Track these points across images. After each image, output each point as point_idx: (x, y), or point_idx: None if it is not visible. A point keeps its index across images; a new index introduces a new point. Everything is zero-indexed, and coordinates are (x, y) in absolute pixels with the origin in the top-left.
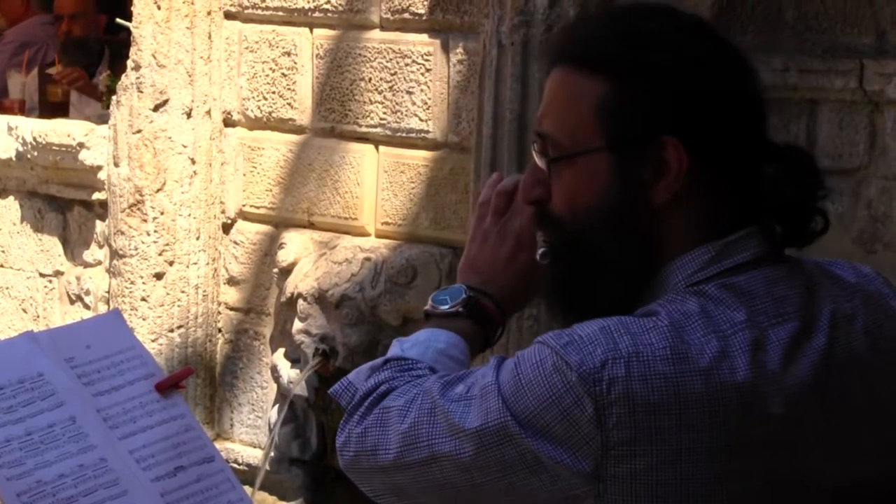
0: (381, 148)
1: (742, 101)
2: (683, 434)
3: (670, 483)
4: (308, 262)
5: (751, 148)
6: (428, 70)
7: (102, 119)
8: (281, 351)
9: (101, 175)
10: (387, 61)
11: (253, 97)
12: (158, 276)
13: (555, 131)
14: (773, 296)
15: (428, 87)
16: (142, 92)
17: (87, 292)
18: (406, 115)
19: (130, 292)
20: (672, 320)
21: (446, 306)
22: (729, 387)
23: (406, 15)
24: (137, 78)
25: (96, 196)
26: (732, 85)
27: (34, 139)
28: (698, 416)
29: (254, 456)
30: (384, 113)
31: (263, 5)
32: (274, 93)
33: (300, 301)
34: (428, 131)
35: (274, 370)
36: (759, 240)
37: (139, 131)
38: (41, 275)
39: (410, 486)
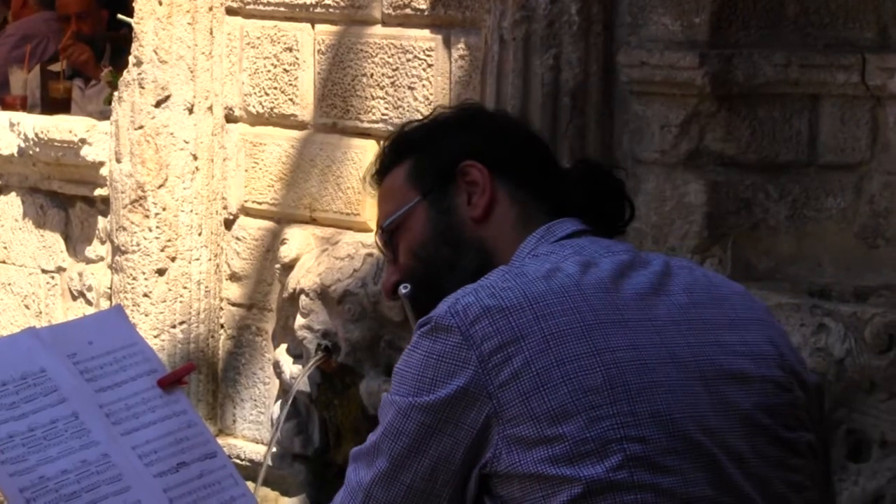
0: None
1: (519, 131)
2: (542, 323)
3: (548, 368)
4: (310, 258)
5: (543, 163)
6: (430, 65)
7: (104, 115)
8: (283, 347)
9: (103, 171)
10: (388, 57)
11: (254, 93)
12: (160, 272)
13: (386, 214)
14: (599, 244)
15: (430, 82)
16: (143, 88)
17: (90, 288)
18: (408, 111)
19: (132, 288)
20: (504, 267)
21: None
22: (568, 283)
23: (408, 10)
24: (139, 74)
25: (98, 192)
26: (508, 122)
27: (36, 135)
28: (549, 306)
29: (256, 452)
30: (386, 108)
31: (265, 1)
32: (276, 88)
33: (302, 297)
34: None
35: (276, 366)
36: (576, 222)
37: (141, 127)
38: (43, 271)
39: None
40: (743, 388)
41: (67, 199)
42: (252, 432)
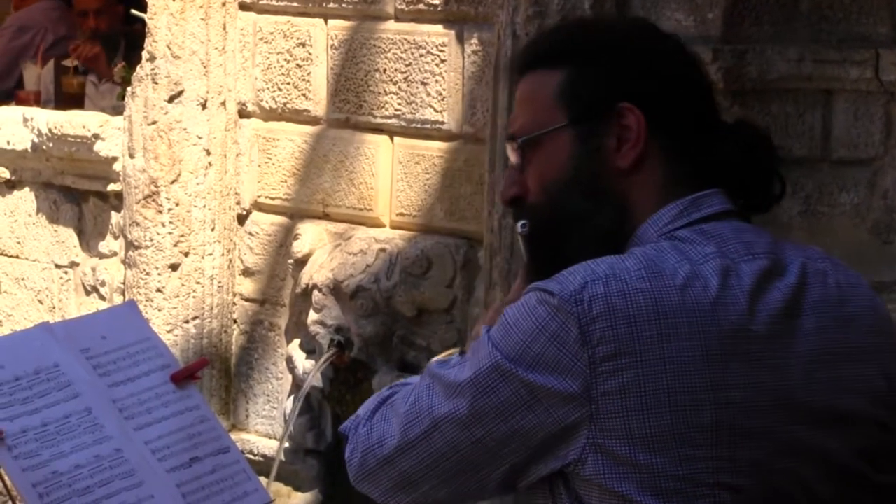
0: (396, 139)
1: (688, 77)
2: (665, 344)
3: (658, 393)
4: (323, 254)
5: (702, 116)
6: (443, 61)
7: (117, 110)
8: (296, 342)
9: (117, 166)
10: (402, 52)
11: (268, 88)
12: (174, 268)
13: (522, 126)
14: (741, 239)
15: (443, 77)
16: (157, 83)
17: (103, 283)
18: (421, 106)
19: (146, 283)
20: (645, 252)
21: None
22: (703, 300)
23: (421, 6)
24: (152, 69)
25: (111, 187)
26: (677, 63)
27: (49, 130)
28: (677, 326)
29: (269, 447)
30: (399, 104)
31: None
32: (289, 84)
33: (315, 292)
34: (443, 122)
35: (289, 361)
36: (724, 198)
37: (154, 122)
38: (57, 266)
39: (416, 471)
40: (847, 430)
41: (81, 195)
42: (265, 427)
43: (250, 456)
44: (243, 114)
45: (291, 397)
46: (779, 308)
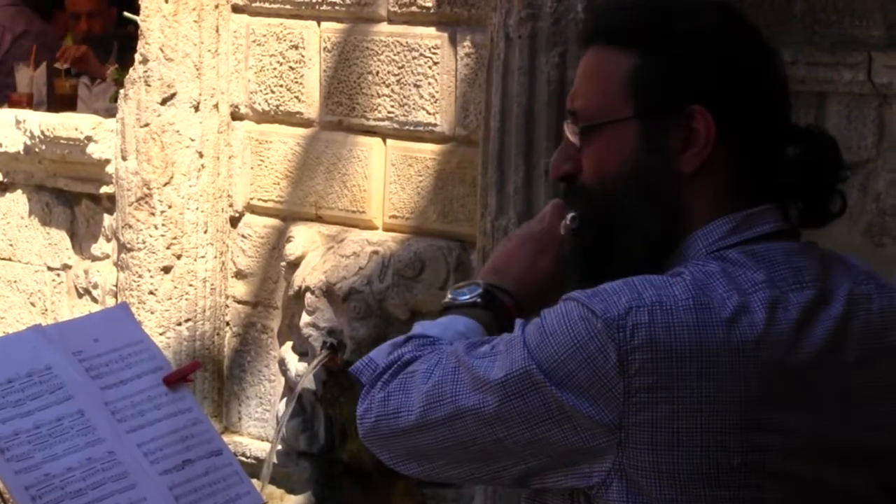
0: (389, 141)
1: (767, 78)
2: (704, 382)
3: (691, 432)
4: (316, 256)
5: (774, 124)
6: (435, 63)
7: (110, 113)
8: (289, 344)
9: (109, 169)
10: (394, 55)
11: (260, 90)
12: (166, 270)
13: (586, 105)
14: (791, 265)
15: (435, 80)
16: (149, 85)
17: (95, 286)
18: (414, 109)
19: (138, 286)
20: (694, 277)
21: (465, 297)
22: (749, 339)
23: (414, 8)
24: (145, 71)
25: (104, 190)
26: (758, 61)
27: (42, 133)
28: (719, 365)
29: (262, 449)
30: (392, 106)
31: None
32: (281, 86)
33: (308, 294)
34: (435, 125)
35: (282, 363)
36: (778, 215)
37: (147, 125)
38: (49, 268)
39: (432, 448)
40: (873, 467)
41: (73, 197)
42: (257, 430)
43: (243, 458)
44: (236, 116)
45: (284, 399)
46: (822, 342)
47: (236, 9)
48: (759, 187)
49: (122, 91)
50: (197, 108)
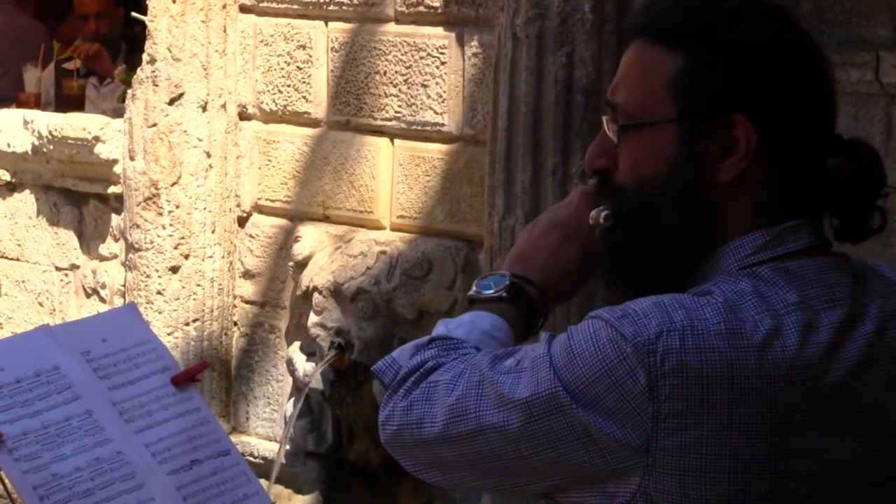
0: (397, 141)
1: (814, 88)
2: (734, 409)
3: (719, 458)
4: (323, 256)
5: (818, 137)
6: (443, 63)
7: (118, 113)
8: (296, 344)
9: (117, 169)
10: (402, 54)
11: (268, 90)
12: (174, 270)
13: (626, 101)
14: (823, 282)
15: (443, 80)
16: (157, 85)
17: (103, 286)
18: (421, 109)
19: (146, 286)
20: (726, 298)
21: (490, 291)
22: (780, 364)
23: (421, 8)
24: (153, 72)
25: (112, 190)
26: (807, 72)
27: (50, 133)
28: (750, 392)
29: (269, 449)
30: (399, 106)
31: None
32: (289, 86)
33: (315, 294)
34: (443, 124)
35: (289, 363)
36: (812, 230)
37: (154, 125)
38: (57, 268)
39: (454, 460)
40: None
41: (81, 197)
42: (265, 430)
43: (251, 458)
44: (244, 116)
45: (292, 400)
46: (854, 362)
47: (244, 9)
48: (796, 201)
49: (129, 91)
50: (204, 108)
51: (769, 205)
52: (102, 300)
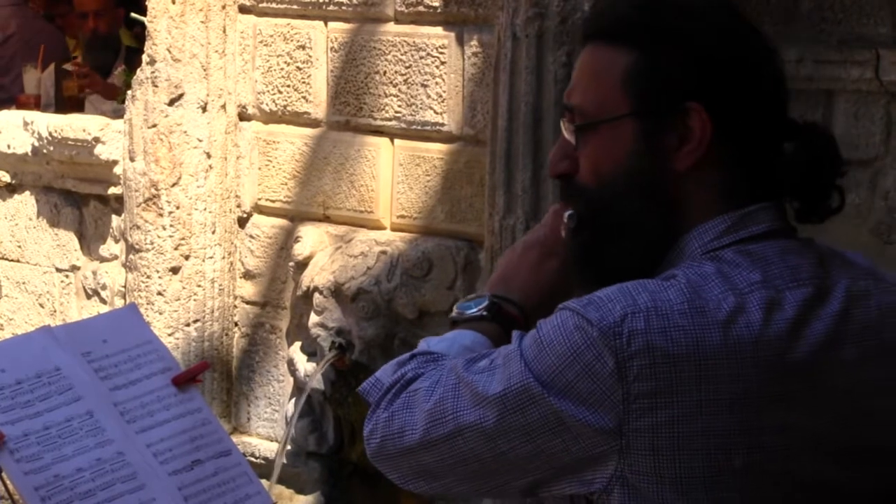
0: (397, 141)
1: (765, 75)
2: (703, 385)
3: (691, 435)
4: (324, 256)
5: (772, 122)
6: (443, 63)
7: (118, 114)
8: (297, 344)
9: (117, 170)
10: (402, 54)
11: (268, 91)
12: (174, 271)
13: (582, 102)
14: (787, 263)
15: (443, 79)
16: (157, 86)
17: (104, 287)
18: (421, 108)
19: (146, 286)
20: (689, 280)
21: (472, 311)
22: (745, 340)
23: (421, 8)
24: (152, 72)
25: (112, 191)
26: (755, 59)
27: (50, 134)
28: (716, 368)
29: (271, 449)
30: (399, 106)
31: None
32: (289, 86)
33: (316, 294)
34: (443, 124)
35: (290, 364)
36: (774, 214)
37: (154, 126)
38: (57, 270)
39: (437, 466)
40: (874, 464)
41: (81, 198)
42: (266, 430)
43: (252, 459)
44: (243, 117)
45: (293, 400)
46: (820, 340)
47: (243, 9)
48: (756, 185)
49: (129, 92)
50: (204, 109)
51: (729, 191)
52: (103, 301)
